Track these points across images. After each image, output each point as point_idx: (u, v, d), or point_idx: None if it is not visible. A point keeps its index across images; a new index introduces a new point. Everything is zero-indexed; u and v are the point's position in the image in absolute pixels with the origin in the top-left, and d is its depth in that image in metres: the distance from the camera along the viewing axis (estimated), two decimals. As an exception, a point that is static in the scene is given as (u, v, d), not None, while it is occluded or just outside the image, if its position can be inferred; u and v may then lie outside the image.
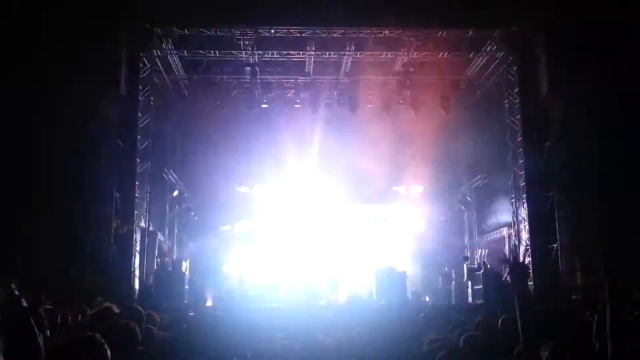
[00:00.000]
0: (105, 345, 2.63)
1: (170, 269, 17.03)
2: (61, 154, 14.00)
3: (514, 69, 16.99)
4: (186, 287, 16.08)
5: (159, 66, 17.48)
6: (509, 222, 17.77)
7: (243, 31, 16.62)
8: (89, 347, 2.62)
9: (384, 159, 19.68)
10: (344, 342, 4.34)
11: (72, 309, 6.60)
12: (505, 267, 2.93)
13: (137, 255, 15.97)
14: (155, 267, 17.31)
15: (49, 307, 5.23)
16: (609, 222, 13.89)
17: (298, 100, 19.56)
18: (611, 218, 14.02)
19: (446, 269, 20.13)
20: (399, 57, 17.99)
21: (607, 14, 14.73)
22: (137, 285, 15.60)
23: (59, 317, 5.75)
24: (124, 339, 3.67)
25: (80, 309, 6.98)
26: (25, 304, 3.49)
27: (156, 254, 18.21)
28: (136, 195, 15.86)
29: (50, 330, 4.57)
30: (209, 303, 16.45)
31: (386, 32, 16.80)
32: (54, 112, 14.12)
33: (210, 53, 17.56)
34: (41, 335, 3.29)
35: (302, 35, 16.89)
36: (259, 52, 17.50)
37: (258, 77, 18.29)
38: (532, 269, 15.59)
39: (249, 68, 17.96)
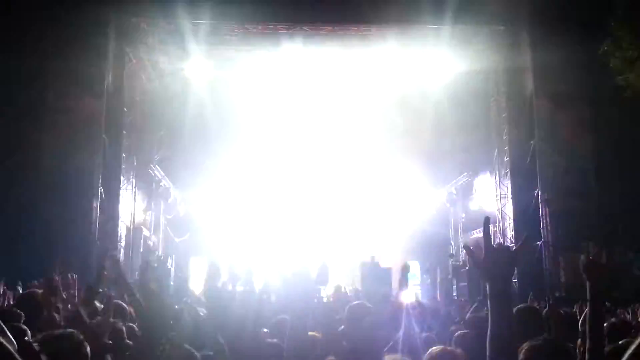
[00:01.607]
0: (85, 343, 2.60)
1: (155, 265, 16.93)
2: (45, 149, 13.86)
3: (501, 67, 17.04)
4: (171, 283, 16.06)
5: (144, 61, 17.32)
6: (494, 220, 17.85)
7: (231, 26, 16.53)
8: (67, 344, 2.59)
9: (370, 155, 19.70)
10: (330, 337, 4.34)
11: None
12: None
13: (122, 251, 15.87)
14: (140, 263, 17.18)
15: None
16: (593, 220, 14.03)
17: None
18: (596, 216, 14.16)
19: (438, 269, 20.19)
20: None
21: (593, 13, 14.84)
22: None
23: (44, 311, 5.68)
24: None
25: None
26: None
27: (141, 250, 18.10)
28: (120, 190, 15.74)
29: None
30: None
31: (373, 29, 16.78)
32: (38, 107, 13.98)
33: (197, 48, 17.43)
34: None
35: (289, 31, 16.82)
36: (246, 47, 17.40)
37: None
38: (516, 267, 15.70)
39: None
